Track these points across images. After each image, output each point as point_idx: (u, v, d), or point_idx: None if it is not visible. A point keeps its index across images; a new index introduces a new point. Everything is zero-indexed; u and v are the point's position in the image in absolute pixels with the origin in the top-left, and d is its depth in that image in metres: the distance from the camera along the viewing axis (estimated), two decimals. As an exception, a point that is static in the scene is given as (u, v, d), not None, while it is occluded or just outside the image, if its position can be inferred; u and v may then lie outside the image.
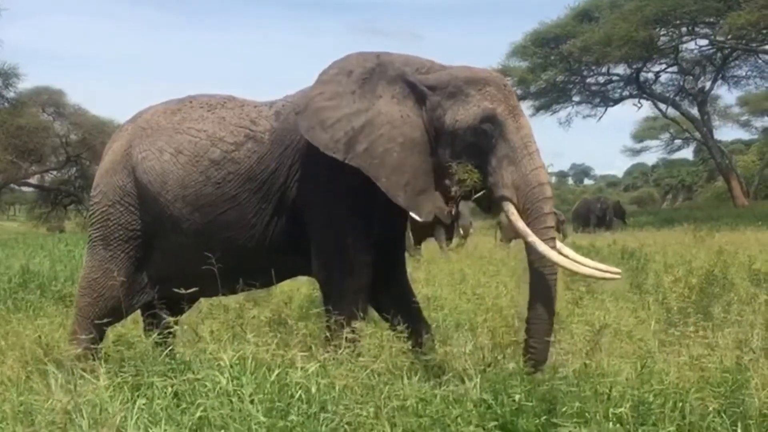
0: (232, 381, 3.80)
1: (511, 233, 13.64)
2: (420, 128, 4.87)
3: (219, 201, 5.04)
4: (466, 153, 4.75)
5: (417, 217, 4.96)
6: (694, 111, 40.13)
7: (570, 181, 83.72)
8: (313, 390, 3.77)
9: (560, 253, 4.66)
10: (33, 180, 42.31)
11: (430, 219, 4.93)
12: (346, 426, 3.60)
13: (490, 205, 4.91)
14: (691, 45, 37.74)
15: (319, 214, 4.98)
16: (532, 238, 4.55)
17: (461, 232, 15.55)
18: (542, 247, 4.53)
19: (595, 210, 29.57)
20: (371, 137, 4.81)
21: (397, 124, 4.84)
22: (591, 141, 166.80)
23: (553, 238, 4.66)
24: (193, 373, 3.95)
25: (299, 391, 3.76)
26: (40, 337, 5.81)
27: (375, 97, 4.91)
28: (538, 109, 40.80)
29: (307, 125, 4.87)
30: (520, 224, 4.61)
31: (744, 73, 39.87)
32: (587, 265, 4.76)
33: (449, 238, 15.53)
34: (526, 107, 38.58)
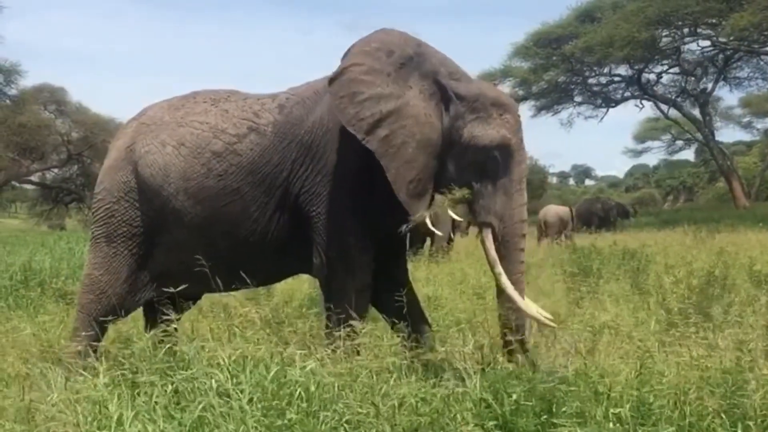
0: (230, 379, 3.80)
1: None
2: (438, 131, 4.90)
3: (221, 194, 5.03)
4: (470, 169, 4.84)
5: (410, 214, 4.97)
6: (696, 112, 40.04)
7: (571, 181, 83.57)
8: (312, 388, 3.77)
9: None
10: (34, 177, 42.25)
11: (420, 220, 4.94)
12: (345, 425, 3.60)
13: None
14: (693, 46, 37.64)
15: (322, 212, 4.98)
16: (499, 269, 4.78)
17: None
18: (504, 281, 4.77)
19: (596, 210, 29.51)
20: (394, 126, 4.83)
21: (421, 121, 4.87)
22: (592, 142, 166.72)
23: (522, 273, 4.89)
24: (192, 371, 3.94)
25: (298, 390, 3.76)
26: (34, 334, 5.82)
27: (406, 86, 4.93)
28: (539, 110, 40.65)
29: (337, 92, 4.88)
30: (493, 253, 4.82)
31: (746, 75, 39.73)
32: (526, 305, 4.85)
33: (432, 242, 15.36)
34: (527, 108, 38.51)
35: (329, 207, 4.96)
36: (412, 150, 4.82)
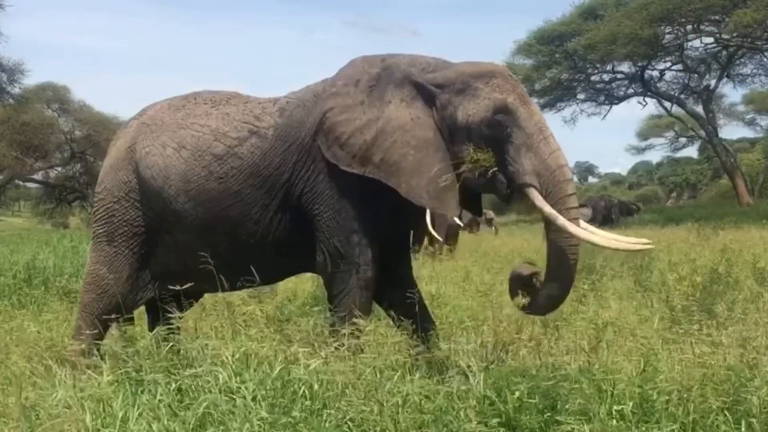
0: (234, 377, 3.81)
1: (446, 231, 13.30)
2: (432, 128, 4.87)
3: (222, 196, 5.04)
4: (482, 146, 4.74)
5: (448, 216, 4.93)
6: (699, 109, 39.96)
7: (574, 179, 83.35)
8: (316, 386, 3.78)
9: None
10: (38, 176, 42.33)
11: (458, 215, 4.92)
12: (349, 422, 3.60)
13: (510, 194, 4.86)
14: (697, 43, 37.58)
15: (325, 211, 4.98)
16: (562, 220, 4.57)
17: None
18: (572, 228, 4.57)
19: (599, 208, 29.49)
20: (385, 145, 4.83)
21: (408, 128, 4.85)
22: (595, 139, 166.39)
23: (578, 218, 4.70)
24: (196, 369, 3.95)
25: (302, 388, 3.77)
26: (38, 332, 5.83)
27: (384, 103, 4.92)
28: (542, 107, 40.39)
29: (325, 145, 4.90)
30: (548, 208, 4.62)
31: (749, 71, 39.72)
32: (615, 239, 4.84)
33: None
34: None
35: (332, 206, 4.96)
36: (412, 158, 4.81)
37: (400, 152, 4.81)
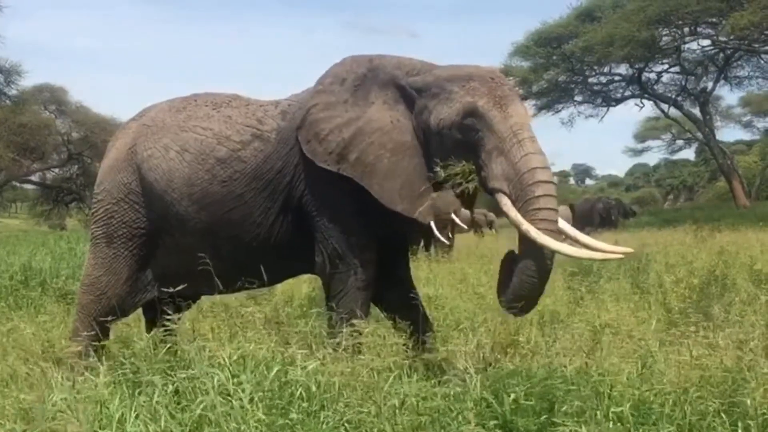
0: (231, 379, 3.80)
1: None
2: (410, 132, 4.87)
3: (225, 200, 5.05)
4: (456, 151, 4.71)
5: (421, 221, 4.90)
6: (696, 111, 39.98)
7: (572, 181, 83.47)
8: (314, 388, 3.77)
9: (560, 235, 4.53)
10: (35, 177, 42.27)
11: (429, 221, 4.89)
12: (346, 424, 3.60)
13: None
14: (694, 45, 37.57)
15: (324, 213, 4.98)
16: (526, 226, 4.38)
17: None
18: (535, 234, 4.35)
19: (597, 210, 29.50)
20: (362, 146, 4.84)
21: (387, 130, 4.86)
22: (593, 141, 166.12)
23: (549, 220, 4.44)
24: (193, 371, 3.95)
25: (299, 389, 3.76)
26: (34, 334, 5.83)
27: (368, 104, 4.94)
28: (540, 109, 40.50)
29: (304, 139, 4.92)
30: (513, 213, 4.47)
31: (746, 74, 39.70)
32: (590, 247, 4.66)
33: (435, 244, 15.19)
34: (528, 107, 38.30)
35: (331, 207, 4.97)
36: (387, 161, 4.81)
37: (376, 154, 4.82)
